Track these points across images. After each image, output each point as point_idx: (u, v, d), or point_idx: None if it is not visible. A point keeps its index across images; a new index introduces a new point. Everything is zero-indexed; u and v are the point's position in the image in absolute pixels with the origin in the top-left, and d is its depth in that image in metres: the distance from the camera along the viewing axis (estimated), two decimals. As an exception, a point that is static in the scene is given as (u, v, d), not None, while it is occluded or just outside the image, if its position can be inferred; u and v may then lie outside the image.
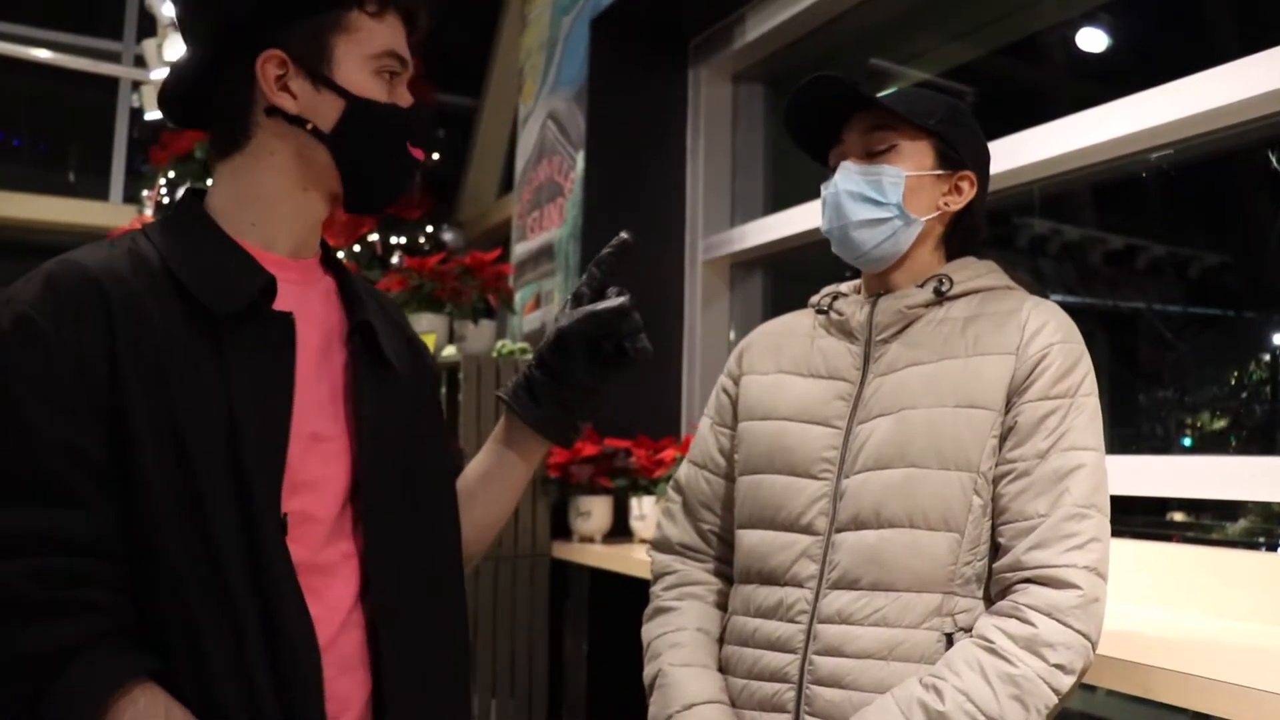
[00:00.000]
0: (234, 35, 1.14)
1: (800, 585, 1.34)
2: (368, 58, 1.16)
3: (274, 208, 1.18)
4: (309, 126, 1.15)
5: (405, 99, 1.20)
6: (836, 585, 1.31)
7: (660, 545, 1.58)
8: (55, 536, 1.00)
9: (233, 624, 1.04)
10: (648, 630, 1.52)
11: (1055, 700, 1.19)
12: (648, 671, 1.47)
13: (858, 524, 1.31)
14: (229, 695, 1.04)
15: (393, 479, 1.21)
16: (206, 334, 1.08)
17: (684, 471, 1.58)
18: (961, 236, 1.46)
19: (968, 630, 1.27)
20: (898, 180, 1.38)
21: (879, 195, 1.39)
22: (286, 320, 1.13)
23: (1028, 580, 1.24)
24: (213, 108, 1.19)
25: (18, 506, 1.00)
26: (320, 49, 1.14)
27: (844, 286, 1.52)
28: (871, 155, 1.41)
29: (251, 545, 1.06)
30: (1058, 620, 1.20)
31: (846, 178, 1.41)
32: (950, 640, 1.26)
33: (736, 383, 1.53)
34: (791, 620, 1.33)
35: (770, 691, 1.34)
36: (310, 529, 1.13)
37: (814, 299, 1.52)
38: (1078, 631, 1.20)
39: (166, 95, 1.22)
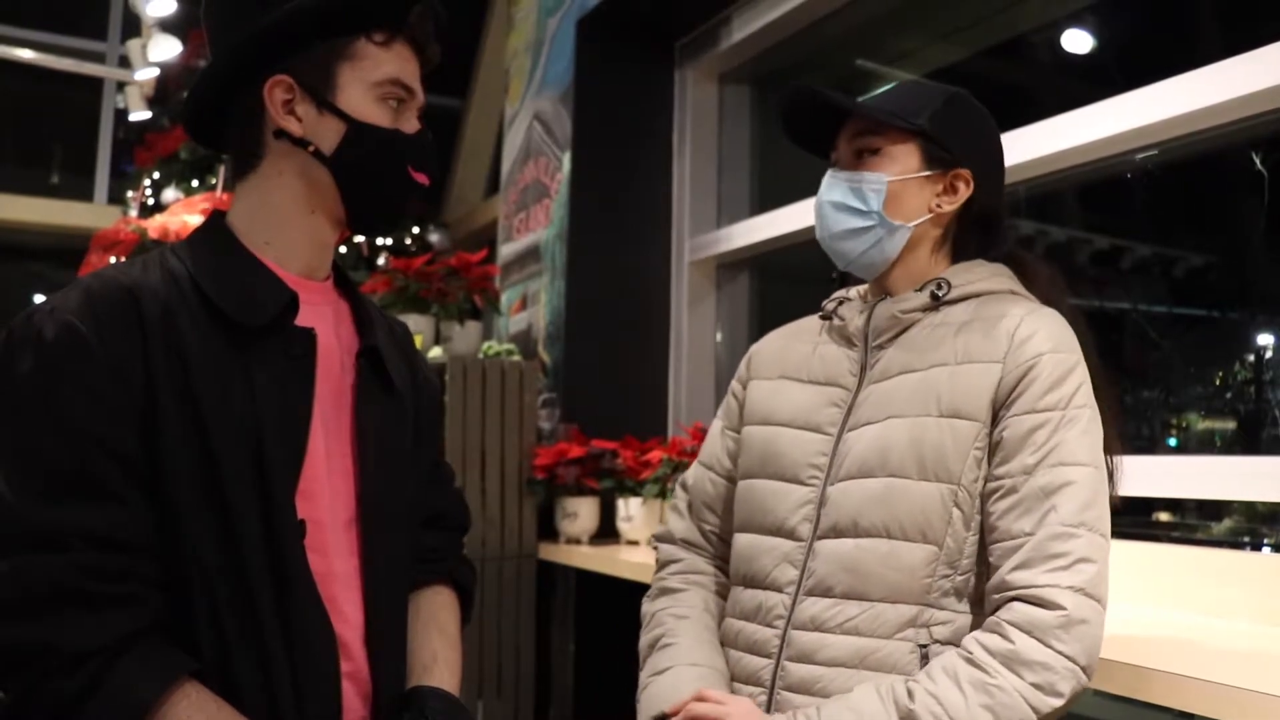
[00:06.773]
0: (246, 60, 1.18)
1: (780, 590, 1.33)
2: (372, 85, 1.21)
3: (285, 229, 1.23)
4: (311, 149, 1.20)
5: (411, 126, 1.25)
6: (812, 592, 1.29)
7: (664, 538, 1.58)
8: (100, 533, 1.04)
9: (254, 621, 1.09)
10: (651, 606, 1.50)
11: (1034, 718, 1.14)
12: (648, 638, 1.44)
13: (837, 532, 1.29)
14: (250, 690, 1.08)
15: (389, 501, 1.25)
16: (233, 345, 1.14)
17: (693, 471, 1.58)
18: (978, 234, 1.41)
19: (944, 643, 1.23)
20: (879, 187, 1.35)
21: (860, 203, 1.35)
22: (309, 335, 1.19)
23: (1014, 599, 1.19)
24: (230, 130, 1.25)
25: (65, 503, 1.04)
26: (325, 75, 1.20)
27: (852, 291, 1.48)
28: (858, 160, 1.37)
29: (271, 547, 1.10)
30: (1038, 639, 1.15)
31: (830, 187, 1.39)
32: (925, 653, 1.23)
33: (744, 387, 1.52)
34: (769, 625, 1.33)
35: (745, 695, 1.32)
36: (320, 537, 1.17)
37: (825, 303, 1.49)
38: (1060, 653, 1.14)
39: (186, 116, 1.28)
